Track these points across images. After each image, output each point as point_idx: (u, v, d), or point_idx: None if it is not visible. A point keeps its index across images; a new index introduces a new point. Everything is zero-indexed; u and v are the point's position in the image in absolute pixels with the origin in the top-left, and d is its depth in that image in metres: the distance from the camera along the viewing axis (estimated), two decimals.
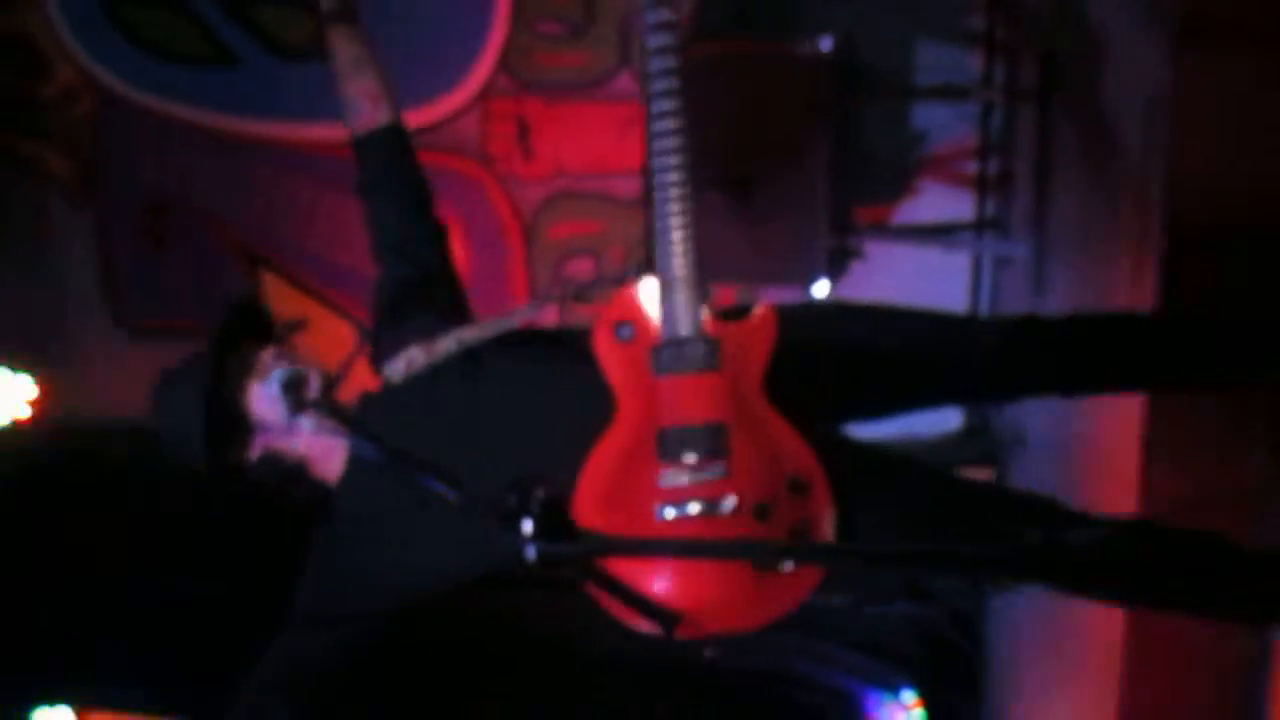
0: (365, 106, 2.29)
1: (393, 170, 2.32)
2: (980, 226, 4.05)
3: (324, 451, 2.05)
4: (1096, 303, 2.85)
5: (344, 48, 2.28)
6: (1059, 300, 3.31)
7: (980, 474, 3.99)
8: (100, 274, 4.87)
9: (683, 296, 1.86)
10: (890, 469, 2.04)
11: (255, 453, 2.03)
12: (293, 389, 1.88)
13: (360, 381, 5.17)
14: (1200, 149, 2.21)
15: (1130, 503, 2.38)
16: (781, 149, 3.44)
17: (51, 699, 4.96)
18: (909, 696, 4.15)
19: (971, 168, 4.08)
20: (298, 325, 4.79)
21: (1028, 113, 3.63)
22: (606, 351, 1.90)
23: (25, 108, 4.71)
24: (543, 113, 4.44)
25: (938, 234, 4.05)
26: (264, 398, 1.99)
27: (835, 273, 3.57)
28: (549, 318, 2.13)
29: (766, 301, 1.94)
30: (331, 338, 4.77)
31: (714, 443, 1.83)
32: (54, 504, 4.54)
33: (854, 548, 1.86)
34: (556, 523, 1.47)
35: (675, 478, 1.84)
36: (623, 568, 1.76)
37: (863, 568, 1.82)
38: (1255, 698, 2.33)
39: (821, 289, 3.46)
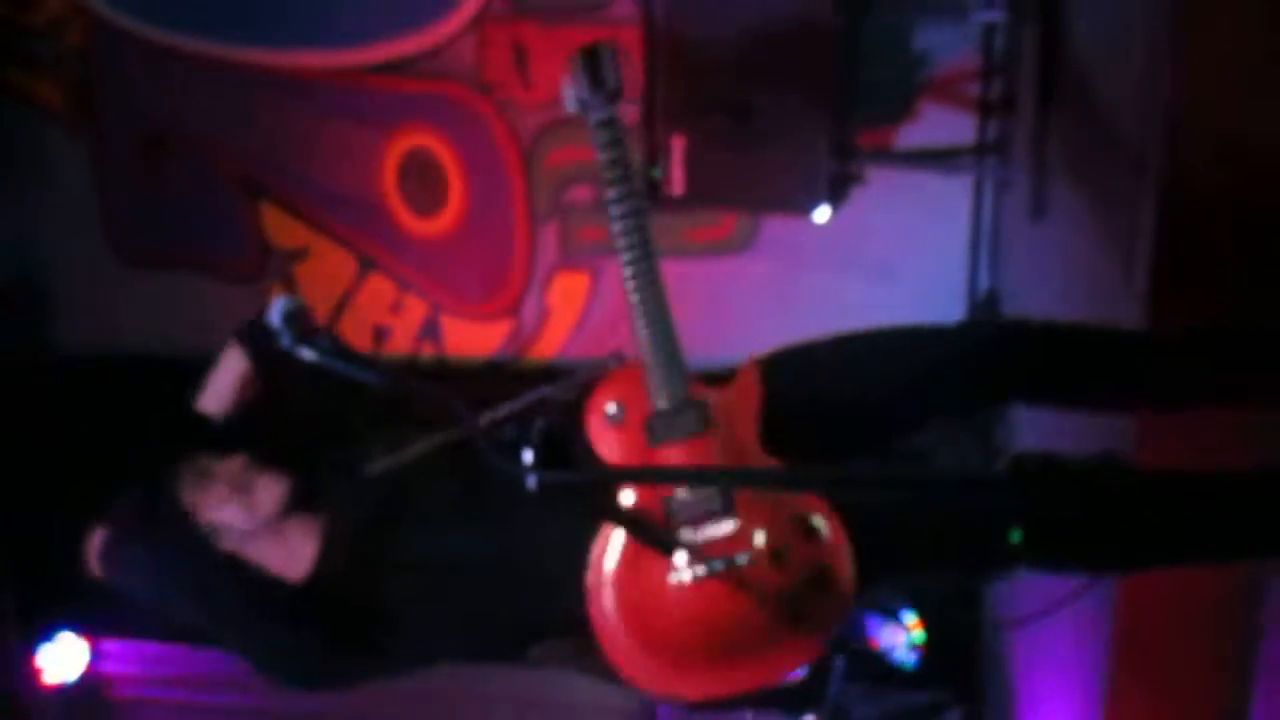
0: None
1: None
2: (981, 150, 4.02)
3: (289, 559, 2.02)
4: (1095, 227, 2.84)
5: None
6: (1058, 224, 3.30)
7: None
8: (97, 205, 4.86)
9: (665, 368, 1.90)
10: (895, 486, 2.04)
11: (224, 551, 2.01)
12: (293, 320, 1.87)
13: (361, 314, 5.16)
14: (1205, 70, 2.19)
15: (1129, 435, 2.39)
16: (782, 72, 3.41)
17: (65, 628, 5.05)
18: (909, 617, 4.20)
19: (973, 90, 4.04)
20: (298, 254, 4.79)
21: (1030, 34, 3.59)
22: (599, 436, 1.93)
23: (16, 37, 4.67)
24: (540, 37, 4.39)
25: (939, 158, 4.03)
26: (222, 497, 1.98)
27: (836, 197, 3.55)
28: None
29: (748, 359, 1.99)
30: (331, 266, 4.77)
31: (717, 502, 1.86)
32: (63, 434, 4.58)
33: (843, 473, 1.88)
34: (556, 452, 1.48)
35: (688, 540, 1.86)
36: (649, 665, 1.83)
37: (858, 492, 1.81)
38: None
39: (822, 214, 3.45)
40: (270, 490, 1.97)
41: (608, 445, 1.93)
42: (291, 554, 2.00)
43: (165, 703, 5.18)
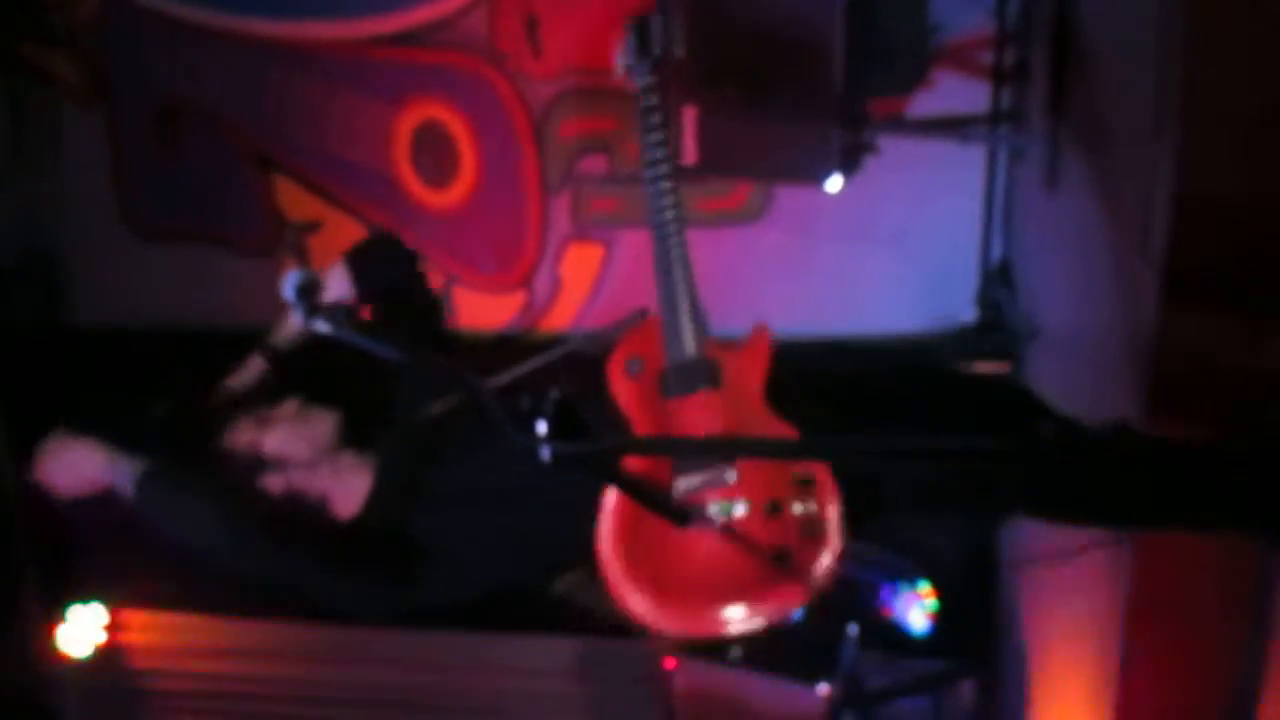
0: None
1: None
2: (995, 119, 4.00)
3: (345, 493, 2.16)
4: (1110, 196, 2.82)
5: None
6: (1072, 193, 3.28)
7: (995, 368, 4.00)
8: (112, 178, 4.87)
9: (684, 325, 2.03)
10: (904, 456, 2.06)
11: (278, 489, 2.15)
12: (306, 294, 1.88)
13: None
14: (1222, 40, 2.17)
15: (1140, 399, 2.39)
16: (794, 42, 3.39)
17: (86, 598, 5.09)
18: (924, 586, 4.21)
19: (987, 58, 4.02)
20: (311, 227, 4.80)
21: (1044, 1, 3.57)
22: (618, 386, 2.06)
23: (29, 11, 4.67)
24: (552, 7, 4.37)
25: (952, 127, 4.01)
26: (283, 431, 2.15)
27: (848, 167, 3.54)
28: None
29: (759, 324, 2.10)
30: (343, 237, 4.77)
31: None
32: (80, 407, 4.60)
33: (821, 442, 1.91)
34: (570, 423, 1.49)
35: (688, 483, 1.94)
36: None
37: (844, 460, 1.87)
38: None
39: (834, 184, 3.44)
40: (324, 423, 2.18)
41: (624, 396, 2.04)
42: (346, 488, 2.16)
43: (185, 673, 5.22)
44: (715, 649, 2.00)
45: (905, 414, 2.03)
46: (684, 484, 1.94)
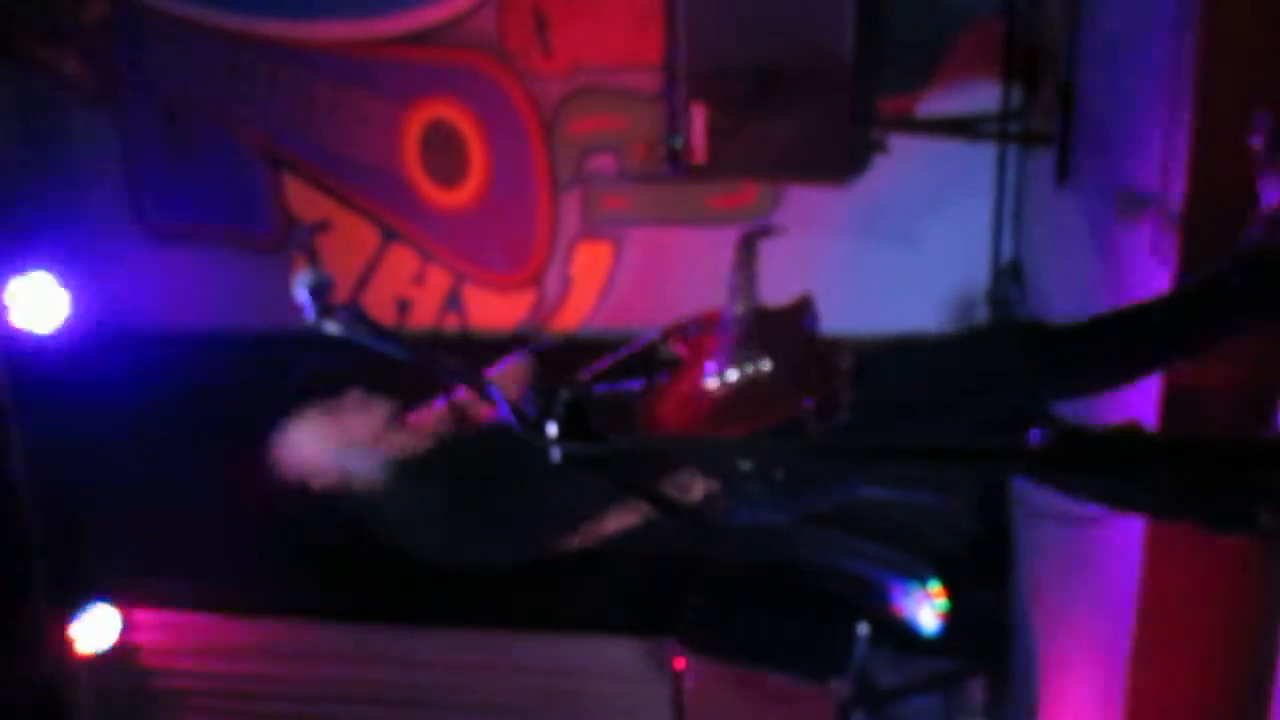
0: None
1: None
2: (1005, 117, 3.99)
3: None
4: (1123, 194, 2.82)
5: None
6: (1083, 191, 3.27)
7: None
8: (122, 178, 4.88)
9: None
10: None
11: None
12: (318, 294, 1.88)
13: (384, 286, 5.18)
14: (1236, 34, 2.16)
15: (1152, 397, 2.38)
16: (804, 41, 3.38)
17: (98, 598, 5.11)
18: (934, 585, 4.21)
19: (997, 57, 4.01)
20: (320, 227, 4.80)
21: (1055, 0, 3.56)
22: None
23: (39, 11, 4.68)
24: (561, 5, 4.37)
25: (962, 126, 4.00)
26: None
27: (858, 166, 3.53)
28: None
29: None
30: (353, 237, 4.78)
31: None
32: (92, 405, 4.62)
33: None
34: (580, 424, 1.49)
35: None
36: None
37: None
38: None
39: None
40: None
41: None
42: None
43: (196, 671, 5.24)
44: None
45: None
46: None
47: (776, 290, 2.35)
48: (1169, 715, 2.62)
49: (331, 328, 1.85)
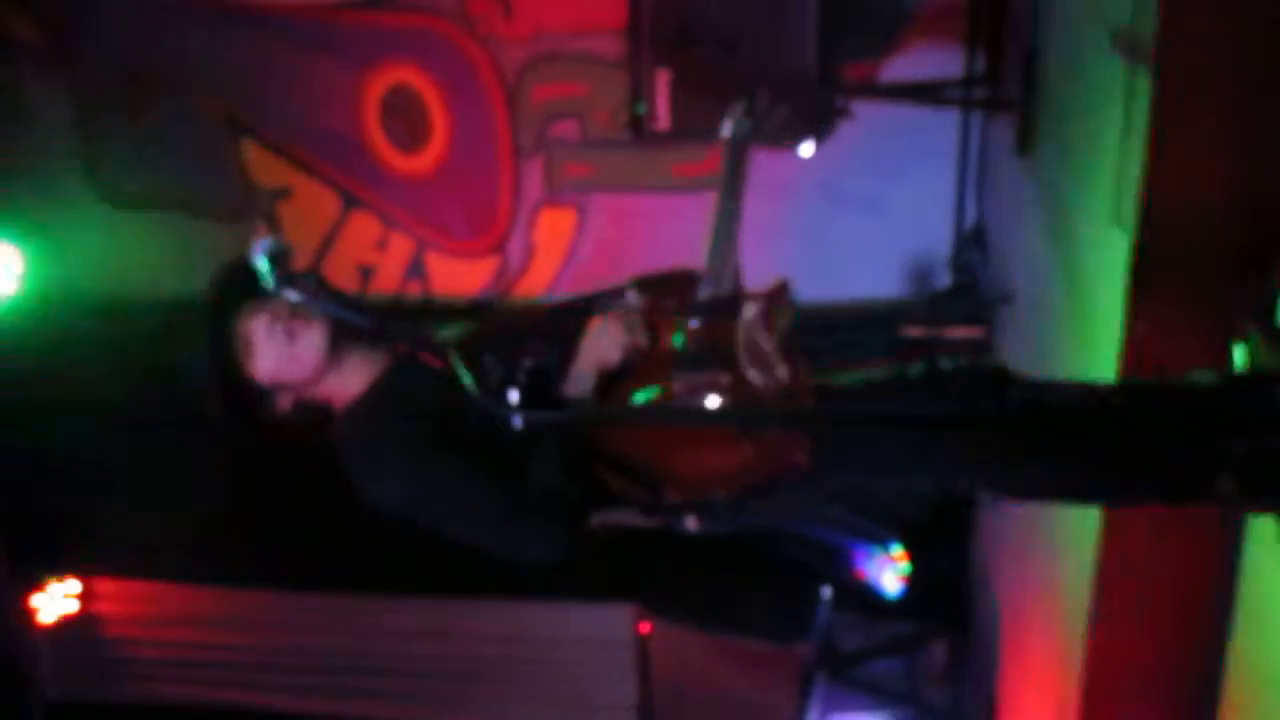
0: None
1: None
2: (968, 83, 4.00)
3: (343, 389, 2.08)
4: (1084, 160, 2.83)
5: None
6: (1045, 157, 3.29)
7: (968, 332, 4.02)
8: (80, 144, 4.81)
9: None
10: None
11: (285, 405, 2.08)
12: (278, 261, 1.86)
13: (345, 253, 5.14)
14: (1197, 2, 2.17)
15: (1111, 361, 2.40)
16: (767, 6, 3.37)
17: (58, 568, 5.08)
18: (896, 550, 4.25)
19: (960, 23, 4.01)
20: (281, 193, 4.75)
21: None
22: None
23: None
24: None
25: (925, 91, 4.00)
26: (270, 356, 2.03)
27: (822, 131, 3.53)
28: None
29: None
30: (314, 204, 4.74)
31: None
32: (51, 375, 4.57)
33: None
34: (542, 392, 1.49)
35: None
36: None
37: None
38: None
39: (807, 149, 3.43)
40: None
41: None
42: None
43: (156, 640, 5.22)
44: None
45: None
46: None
47: (742, 259, 2.34)
48: (1127, 677, 2.66)
49: (292, 295, 1.84)
